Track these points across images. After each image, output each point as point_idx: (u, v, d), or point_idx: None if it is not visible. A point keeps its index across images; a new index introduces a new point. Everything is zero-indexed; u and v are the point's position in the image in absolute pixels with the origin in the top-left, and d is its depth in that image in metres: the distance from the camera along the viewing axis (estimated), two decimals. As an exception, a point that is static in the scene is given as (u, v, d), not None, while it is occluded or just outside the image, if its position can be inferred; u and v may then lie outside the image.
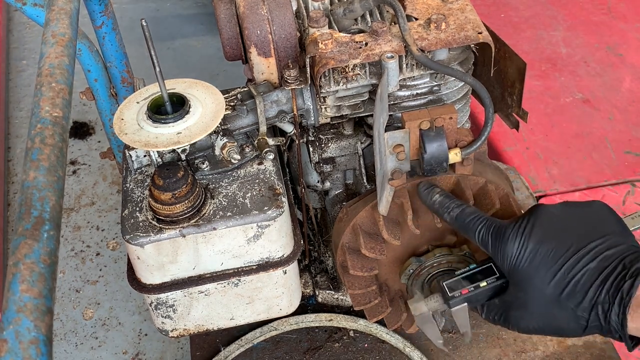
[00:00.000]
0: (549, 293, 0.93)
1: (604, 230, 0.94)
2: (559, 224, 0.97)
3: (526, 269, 0.95)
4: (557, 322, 0.96)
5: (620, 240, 0.93)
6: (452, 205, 1.08)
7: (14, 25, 2.80)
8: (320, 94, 1.16)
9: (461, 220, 1.06)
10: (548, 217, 0.98)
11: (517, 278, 0.97)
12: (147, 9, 2.82)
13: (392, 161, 1.11)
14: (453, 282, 1.10)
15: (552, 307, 0.94)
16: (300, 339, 1.48)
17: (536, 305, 0.96)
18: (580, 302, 0.91)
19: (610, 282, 0.90)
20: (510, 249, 0.97)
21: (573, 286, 0.92)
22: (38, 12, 1.40)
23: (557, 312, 0.94)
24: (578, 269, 0.92)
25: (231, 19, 1.21)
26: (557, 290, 0.93)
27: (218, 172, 1.13)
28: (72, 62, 0.98)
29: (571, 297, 0.92)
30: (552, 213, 0.98)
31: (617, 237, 0.94)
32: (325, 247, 1.51)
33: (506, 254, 0.97)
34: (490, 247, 1.00)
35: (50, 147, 0.82)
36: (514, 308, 1.00)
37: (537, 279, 0.94)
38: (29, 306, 0.64)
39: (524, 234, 0.96)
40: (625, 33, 2.35)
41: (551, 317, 0.96)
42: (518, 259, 0.96)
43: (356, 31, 1.21)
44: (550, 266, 0.93)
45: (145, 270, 1.11)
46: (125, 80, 1.61)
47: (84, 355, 1.69)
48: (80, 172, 2.18)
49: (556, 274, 0.92)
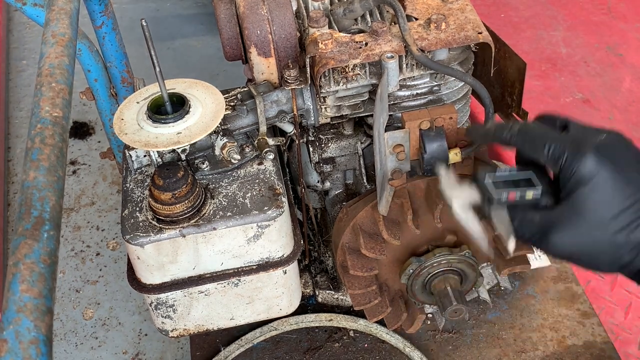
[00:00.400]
0: (608, 224, 0.90)
1: None
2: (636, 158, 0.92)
3: (596, 192, 0.90)
4: (599, 253, 0.92)
5: None
6: (510, 124, 0.99)
7: (14, 25, 2.80)
8: (320, 94, 1.16)
9: (526, 133, 0.96)
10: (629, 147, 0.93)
11: (581, 199, 0.91)
12: (147, 9, 2.81)
13: (392, 161, 1.11)
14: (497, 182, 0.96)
15: (604, 238, 0.91)
16: (300, 339, 1.48)
17: (588, 231, 0.91)
18: (633, 245, 0.89)
19: None
20: (589, 166, 0.90)
21: (633, 228, 0.89)
22: (38, 12, 1.40)
23: (607, 244, 0.91)
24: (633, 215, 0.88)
25: (231, 19, 1.21)
26: (615, 227, 0.90)
27: (218, 172, 1.13)
28: (72, 62, 0.98)
29: (626, 237, 0.89)
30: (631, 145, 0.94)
31: None
32: (325, 247, 1.51)
33: (581, 171, 0.90)
34: (564, 160, 0.92)
35: (50, 147, 0.82)
36: (560, 228, 0.93)
37: (603, 206, 0.90)
38: (29, 306, 0.64)
39: (606, 156, 0.91)
40: (625, 33, 2.35)
41: (597, 246, 0.92)
42: (592, 180, 0.90)
43: (356, 31, 1.21)
44: (620, 202, 0.89)
45: (145, 270, 1.11)
46: (125, 80, 1.61)
47: (84, 355, 1.69)
48: (80, 172, 2.18)
49: (622, 211, 0.89)
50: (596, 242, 0.91)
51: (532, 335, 1.47)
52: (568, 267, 1.59)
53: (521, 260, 1.31)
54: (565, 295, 1.53)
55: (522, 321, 1.49)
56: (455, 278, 1.28)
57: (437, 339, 1.46)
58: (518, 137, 0.97)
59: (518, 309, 1.51)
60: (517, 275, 1.57)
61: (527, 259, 1.31)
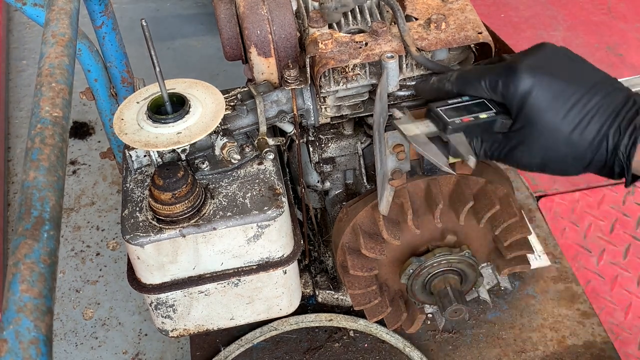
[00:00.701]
0: (560, 128, 0.93)
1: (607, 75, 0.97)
2: (568, 62, 0.97)
3: (539, 104, 0.94)
4: (561, 158, 0.96)
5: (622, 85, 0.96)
6: (449, 73, 1.05)
7: (14, 25, 2.80)
8: (320, 94, 1.16)
9: (463, 77, 1.03)
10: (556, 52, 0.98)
11: (529, 114, 0.95)
12: (147, 9, 2.81)
13: (392, 161, 1.11)
14: (448, 110, 1.02)
15: (561, 142, 0.94)
16: (300, 339, 1.48)
17: (544, 140, 0.96)
18: (592, 138, 0.93)
19: (622, 115, 0.91)
20: (524, 83, 0.95)
21: (586, 122, 0.92)
22: (38, 12, 1.40)
23: (564, 148, 0.95)
24: (592, 105, 0.92)
25: (231, 19, 1.21)
26: (569, 126, 0.93)
27: (218, 172, 1.13)
28: (72, 62, 0.98)
29: (582, 132, 0.93)
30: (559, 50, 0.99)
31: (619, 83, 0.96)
32: (325, 247, 1.51)
33: (519, 90, 0.95)
34: (500, 86, 0.97)
35: (50, 147, 0.82)
36: (520, 143, 0.98)
37: (549, 114, 0.94)
38: (29, 306, 0.64)
39: (536, 69, 0.95)
40: (625, 33, 2.35)
41: (557, 152, 0.96)
42: (532, 94, 0.95)
43: (356, 31, 1.21)
44: (564, 102, 0.93)
45: (145, 270, 1.11)
46: (125, 80, 1.61)
47: (84, 355, 1.69)
48: (80, 172, 2.17)
49: (570, 109, 0.93)
50: (556, 146, 0.95)
51: (532, 335, 1.47)
52: (568, 267, 1.59)
53: (521, 260, 1.31)
54: (565, 295, 1.53)
55: (522, 321, 1.49)
56: (455, 278, 1.28)
57: (437, 339, 1.46)
58: (457, 83, 1.03)
59: (518, 309, 1.51)
60: (517, 275, 1.57)
61: (527, 259, 1.31)
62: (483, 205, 1.20)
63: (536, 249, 1.61)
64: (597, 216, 1.79)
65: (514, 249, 1.27)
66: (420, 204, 1.21)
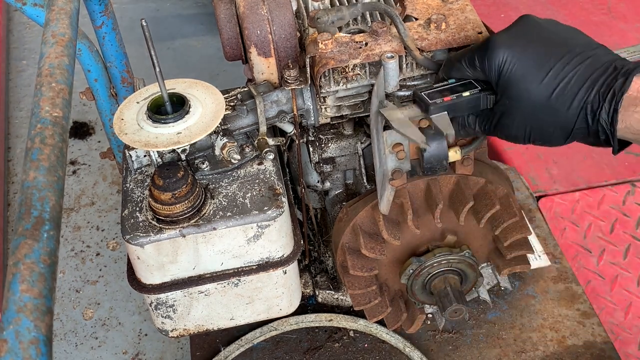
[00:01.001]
0: (538, 95, 0.94)
1: (591, 41, 0.96)
2: (546, 31, 0.97)
3: (515, 72, 0.95)
4: (544, 126, 0.96)
5: (607, 51, 0.95)
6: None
7: (14, 25, 2.80)
8: (320, 94, 1.16)
9: (447, 61, 1.05)
10: (534, 23, 0.98)
11: (506, 84, 0.97)
12: (147, 9, 2.82)
13: (392, 161, 1.11)
14: (432, 92, 1.05)
15: (541, 111, 0.95)
16: (300, 339, 1.48)
17: (524, 110, 0.96)
18: (570, 103, 0.92)
19: (601, 81, 0.91)
20: (498, 56, 0.96)
21: (563, 87, 0.92)
22: (38, 12, 1.40)
23: (545, 116, 0.95)
24: (568, 70, 0.92)
25: (231, 19, 1.21)
26: (547, 92, 0.93)
27: (218, 172, 1.13)
28: (72, 62, 0.98)
29: (560, 98, 0.92)
30: (537, 20, 0.99)
31: (603, 49, 0.95)
32: (325, 247, 1.51)
33: (494, 62, 0.97)
34: (477, 61, 0.99)
35: (50, 147, 0.82)
36: (504, 115, 0.99)
37: (526, 82, 0.94)
38: (29, 306, 0.64)
39: (511, 40, 0.96)
40: (625, 33, 2.35)
41: (539, 121, 0.96)
42: (506, 64, 0.95)
43: (356, 31, 1.21)
44: (539, 68, 0.93)
45: (145, 270, 1.11)
46: (125, 80, 1.61)
47: (84, 355, 1.69)
48: (80, 172, 2.18)
49: (546, 75, 0.93)
50: (536, 114, 0.96)
51: (532, 335, 1.47)
52: (568, 267, 1.59)
53: (521, 260, 1.31)
54: (565, 295, 1.53)
55: (522, 321, 1.49)
56: (455, 278, 1.28)
57: (437, 339, 1.46)
58: (444, 70, 1.06)
59: (518, 309, 1.51)
60: (517, 275, 1.56)
61: (527, 259, 1.31)
62: (483, 205, 1.20)
63: (536, 249, 1.61)
64: (597, 216, 1.79)
65: (514, 249, 1.27)
66: (420, 204, 1.21)
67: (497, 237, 1.26)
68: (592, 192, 1.84)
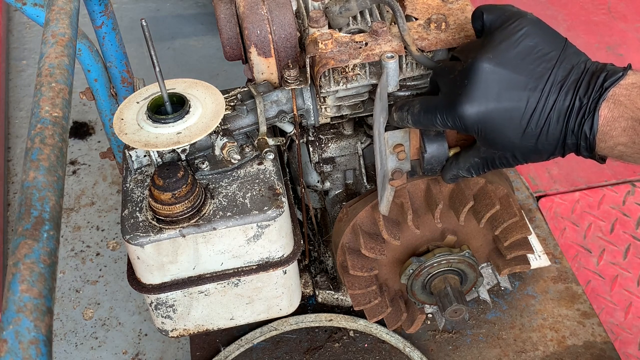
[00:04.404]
0: (522, 144, 0.95)
1: (551, 58, 0.93)
2: (504, 73, 0.93)
3: (494, 128, 0.94)
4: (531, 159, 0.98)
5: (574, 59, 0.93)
6: (410, 103, 1.05)
7: (14, 25, 2.80)
8: (320, 94, 1.16)
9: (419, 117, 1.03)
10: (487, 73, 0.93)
11: (486, 138, 0.97)
12: (147, 9, 2.81)
13: (393, 161, 1.11)
14: None
15: (527, 152, 0.97)
16: (300, 339, 1.48)
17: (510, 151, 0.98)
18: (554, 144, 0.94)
19: (574, 115, 0.91)
20: (469, 116, 0.94)
21: (544, 135, 0.93)
22: (38, 12, 1.40)
23: (533, 154, 0.97)
24: (544, 116, 0.92)
25: (231, 19, 1.21)
26: (531, 141, 0.94)
27: (218, 172, 1.13)
28: (72, 62, 0.98)
29: (545, 141, 0.94)
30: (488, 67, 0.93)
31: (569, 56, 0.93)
32: (325, 247, 1.51)
33: (467, 122, 0.95)
34: (451, 124, 0.97)
35: (50, 147, 0.82)
36: (497, 157, 1.01)
37: (508, 133, 0.94)
38: (29, 306, 0.64)
39: (475, 98, 0.93)
40: (625, 33, 2.35)
41: (527, 158, 0.99)
42: (482, 123, 0.94)
43: (356, 31, 1.21)
44: (516, 123, 0.93)
45: (145, 270, 1.11)
46: (125, 80, 1.61)
47: (84, 355, 1.69)
48: (80, 172, 2.17)
49: (524, 129, 0.93)
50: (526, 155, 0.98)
51: (532, 335, 1.47)
52: (568, 267, 1.59)
53: (521, 260, 1.31)
54: (565, 295, 1.53)
55: (522, 321, 1.49)
56: (455, 278, 1.28)
57: (437, 339, 1.46)
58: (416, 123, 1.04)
59: (518, 309, 1.51)
60: (517, 275, 1.56)
61: (527, 259, 1.31)
62: (483, 205, 1.20)
63: (536, 249, 1.61)
64: (597, 216, 1.79)
65: (514, 249, 1.27)
66: (420, 204, 1.21)
67: (497, 237, 1.26)
68: (592, 192, 1.84)
